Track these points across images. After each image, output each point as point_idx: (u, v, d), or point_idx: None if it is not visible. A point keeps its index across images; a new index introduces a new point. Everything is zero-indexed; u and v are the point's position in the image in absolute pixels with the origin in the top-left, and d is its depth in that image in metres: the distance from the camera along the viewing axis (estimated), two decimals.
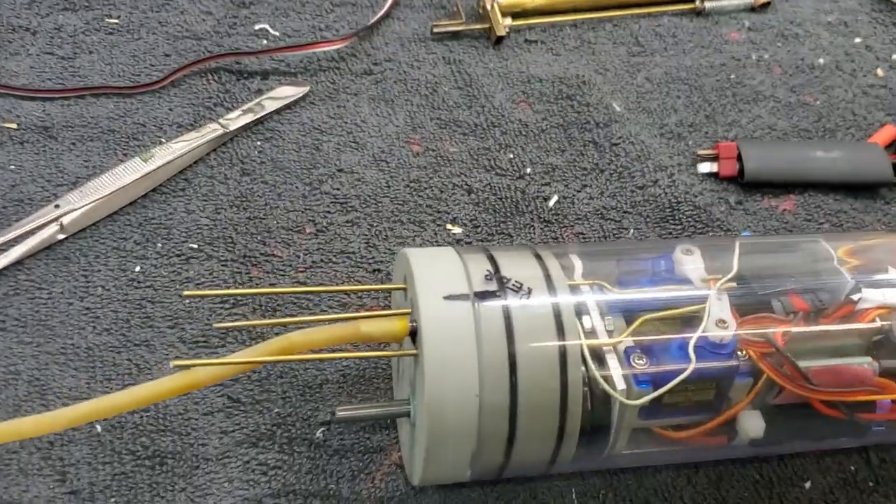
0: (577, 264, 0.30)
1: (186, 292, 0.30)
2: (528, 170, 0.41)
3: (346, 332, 0.28)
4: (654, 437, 0.30)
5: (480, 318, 0.27)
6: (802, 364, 0.29)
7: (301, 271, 0.36)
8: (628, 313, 0.29)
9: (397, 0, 0.47)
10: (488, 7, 0.46)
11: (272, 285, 0.36)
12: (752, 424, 0.29)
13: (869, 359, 0.30)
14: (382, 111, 0.42)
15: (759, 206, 0.41)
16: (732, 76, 0.46)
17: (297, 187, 0.39)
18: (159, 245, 0.37)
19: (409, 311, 0.28)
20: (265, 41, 0.44)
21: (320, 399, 0.33)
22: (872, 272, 0.32)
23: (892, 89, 0.47)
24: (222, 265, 0.36)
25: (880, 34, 0.50)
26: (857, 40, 0.50)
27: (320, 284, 0.36)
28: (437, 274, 0.28)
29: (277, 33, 0.45)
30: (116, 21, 0.44)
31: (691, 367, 0.27)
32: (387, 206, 0.39)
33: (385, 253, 0.37)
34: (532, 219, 0.39)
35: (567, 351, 0.27)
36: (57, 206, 0.36)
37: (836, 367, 0.29)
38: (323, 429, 0.32)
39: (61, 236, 0.36)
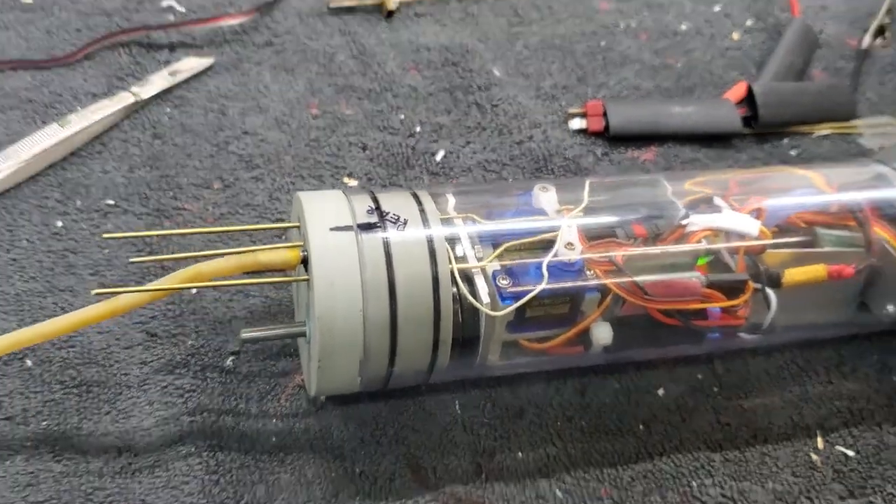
0: (451, 201, 0.34)
1: (106, 235, 0.33)
2: (418, 129, 0.45)
3: (247, 260, 0.31)
4: (521, 350, 0.34)
5: (363, 246, 0.30)
6: (640, 279, 0.33)
7: (210, 223, 0.40)
8: (495, 242, 0.33)
9: None
10: None
11: (184, 237, 0.40)
12: (602, 333, 0.34)
13: (697, 273, 0.34)
14: (283, 79, 0.46)
15: (624, 157, 0.46)
16: (602, 42, 0.52)
17: (205, 148, 0.43)
18: (78, 202, 0.40)
19: (301, 243, 0.32)
20: (172, 17, 0.48)
21: (229, 332, 0.37)
22: (701, 202, 0.37)
23: (745, 51, 0.53)
24: (137, 218, 0.40)
25: (737, 2, 0.56)
26: (717, 8, 0.55)
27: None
28: (324, 210, 0.31)
29: (183, 10, 0.48)
30: (30, 1, 0.47)
31: (543, 283, 0.32)
32: (288, 162, 0.43)
33: (287, 204, 0.41)
34: (421, 171, 0.44)
35: (439, 273, 0.31)
36: None
37: (668, 281, 0.34)
38: (232, 357, 0.37)
39: None
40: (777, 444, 0.38)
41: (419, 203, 0.33)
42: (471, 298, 0.31)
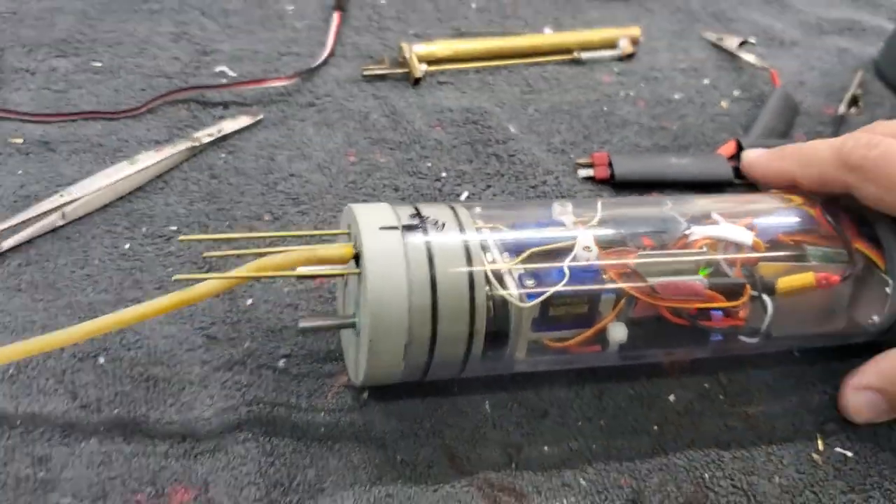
0: (479, 212, 0.39)
1: (182, 238, 0.37)
2: (444, 174, 0.51)
3: (305, 254, 0.35)
4: (544, 348, 0.38)
5: (408, 242, 0.35)
6: (651, 281, 0.37)
7: (262, 248, 0.45)
8: (519, 250, 0.37)
9: (333, 51, 0.57)
10: (407, 56, 0.57)
11: (239, 257, 0.44)
12: (618, 332, 0.37)
13: (700, 275, 0.38)
14: (324, 132, 0.52)
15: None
16: (605, 108, 0.58)
17: (256, 188, 0.48)
18: (144, 229, 0.45)
19: (353, 242, 0.36)
20: (224, 80, 0.54)
21: (281, 339, 0.41)
22: (701, 217, 0.41)
23: (733, 117, 0.59)
24: (198, 243, 0.44)
25: (724, 77, 0.63)
26: (706, 81, 0.62)
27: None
28: (373, 215, 0.36)
29: (235, 74, 0.54)
30: (100, 64, 0.53)
31: (565, 280, 0.36)
32: (330, 200, 0.48)
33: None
34: None
35: (473, 271, 0.35)
36: (61, 196, 0.44)
37: (675, 283, 0.38)
38: (284, 359, 0.40)
39: (62, 222, 0.44)
40: (780, 445, 0.41)
41: (455, 213, 0.38)
42: (501, 290, 0.35)
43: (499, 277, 0.36)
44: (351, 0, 0.62)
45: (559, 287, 0.36)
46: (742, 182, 0.53)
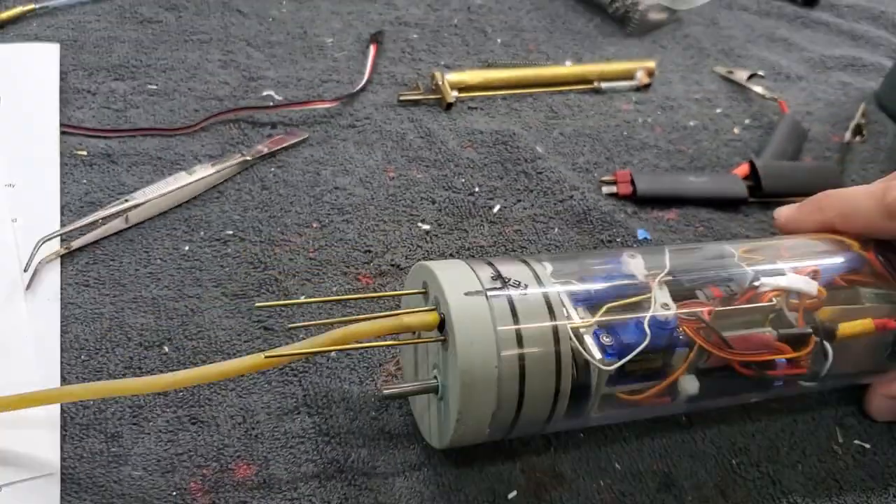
0: (549, 268, 0.38)
1: (259, 304, 0.40)
2: (476, 189, 0.54)
3: (391, 323, 0.36)
4: (616, 402, 0.38)
5: (493, 307, 0.34)
6: (725, 334, 0.38)
7: (312, 252, 0.48)
8: (590, 304, 0.37)
9: (370, 79, 0.61)
10: (440, 83, 0.60)
11: (291, 259, 0.47)
12: (690, 385, 0.38)
13: (770, 328, 0.39)
14: (365, 151, 0.55)
15: (650, 216, 0.55)
16: (625, 133, 0.61)
17: (304, 198, 0.51)
18: (202, 233, 0.48)
19: (434, 307, 0.36)
20: (272, 103, 0.57)
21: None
22: (765, 265, 0.42)
23: (745, 142, 0.63)
24: (252, 245, 0.47)
25: (735, 107, 0.66)
26: (718, 110, 0.66)
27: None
28: (455, 277, 0.35)
29: (281, 98, 0.58)
30: (156, 87, 0.57)
31: (647, 339, 0.35)
32: (372, 211, 0.51)
33: (372, 240, 0.49)
34: (481, 221, 0.52)
35: (558, 329, 0.35)
36: (125, 201, 0.47)
37: (747, 336, 0.38)
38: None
39: (125, 226, 0.47)
40: (802, 437, 0.43)
41: (531, 269, 0.37)
42: (585, 353, 0.35)
43: (578, 336, 0.36)
44: (385, 34, 0.66)
45: (643, 345, 0.36)
46: (756, 200, 0.57)
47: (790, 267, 0.41)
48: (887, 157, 0.64)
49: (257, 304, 0.43)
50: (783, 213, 0.48)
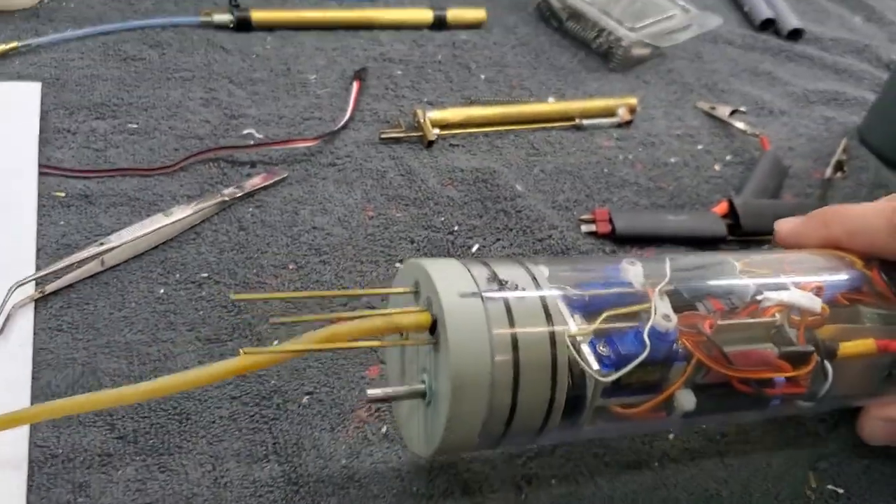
0: (545, 272, 0.37)
1: (235, 296, 0.35)
2: (456, 228, 0.54)
3: (381, 323, 0.34)
4: (610, 415, 0.36)
5: (489, 310, 0.33)
6: (726, 349, 0.36)
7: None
8: (587, 311, 0.35)
9: (353, 116, 0.61)
10: (421, 120, 0.61)
11: (265, 303, 0.47)
12: (686, 400, 0.36)
13: (771, 344, 0.37)
14: (344, 190, 0.55)
15: (629, 255, 0.55)
16: (605, 170, 0.62)
17: (281, 239, 0.51)
18: (178, 275, 0.48)
19: (426, 308, 0.34)
20: (252, 141, 0.58)
21: (304, 378, 0.44)
22: (767, 279, 0.41)
23: (726, 179, 0.63)
24: (227, 287, 0.47)
25: (717, 143, 0.66)
26: (700, 147, 0.66)
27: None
28: (450, 277, 0.33)
29: (261, 136, 0.58)
30: (136, 126, 0.57)
31: (647, 350, 0.34)
32: (350, 251, 0.51)
33: (349, 282, 0.49)
34: None
35: (555, 335, 0.33)
36: (101, 244, 0.47)
37: (747, 352, 0.37)
38: (308, 396, 0.43)
39: (101, 268, 0.47)
40: (775, 482, 0.43)
41: (528, 270, 0.36)
42: (582, 363, 0.34)
43: (575, 344, 0.34)
44: (369, 70, 0.66)
45: (643, 356, 0.34)
46: (735, 238, 0.57)
47: (793, 282, 0.40)
48: (868, 193, 0.64)
49: (233, 296, 0.40)
50: (785, 225, 0.47)
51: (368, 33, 0.71)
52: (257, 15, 0.67)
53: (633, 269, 0.38)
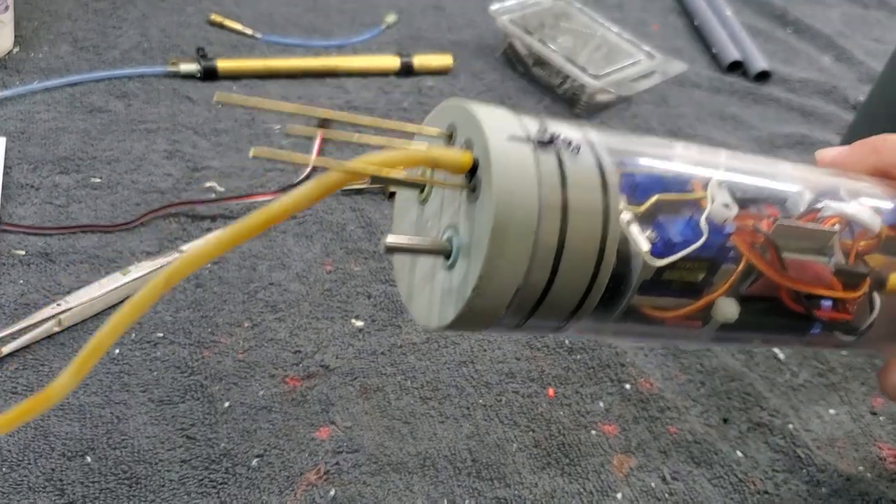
0: (597, 138, 0.31)
1: (219, 95, 0.25)
2: None
3: (418, 154, 0.28)
4: (642, 316, 0.32)
5: (540, 162, 0.27)
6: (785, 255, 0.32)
7: (240, 353, 0.49)
8: (634, 193, 0.31)
9: (315, 168, 0.62)
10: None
11: (219, 362, 0.48)
12: (729, 309, 0.32)
13: (828, 258, 0.33)
14: (304, 243, 0.56)
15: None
16: None
17: (237, 296, 0.52)
18: (133, 335, 0.49)
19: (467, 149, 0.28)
20: (213, 195, 0.58)
21: (255, 440, 0.44)
22: (826, 190, 0.36)
23: None
24: (181, 347, 0.48)
25: None
26: None
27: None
28: (497, 120, 0.28)
29: (223, 189, 0.59)
30: (99, 180, 0.58)
31: (702, 239, 0.30)
32: (306, 307, 0.52)
33: (303, 339, 0.50)
34: None
35: (609, 207, 0.29)
36: (58, 305, 0.48)
37: (804, 262, 0.33)
38: (257, 459, 0.44)
39: (58, 329, 0.48)
40: None
41: (586, 134, 0.31)
42: (634, 241, 0.30)
43: (628, 221, 0.30)
44: (334, 121, 0.67)
45: (698, 244, 0.30)
46: None
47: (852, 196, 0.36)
48: None
49: (217, 97, 0.29)
50: (829, 153, 0.42)
51: (335, 80, 0.72)
52: (223, 64, 0.68)
53: (687, 153, 0.34)
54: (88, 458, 0.43)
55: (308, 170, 0.61)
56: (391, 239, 0.29)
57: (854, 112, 0.81)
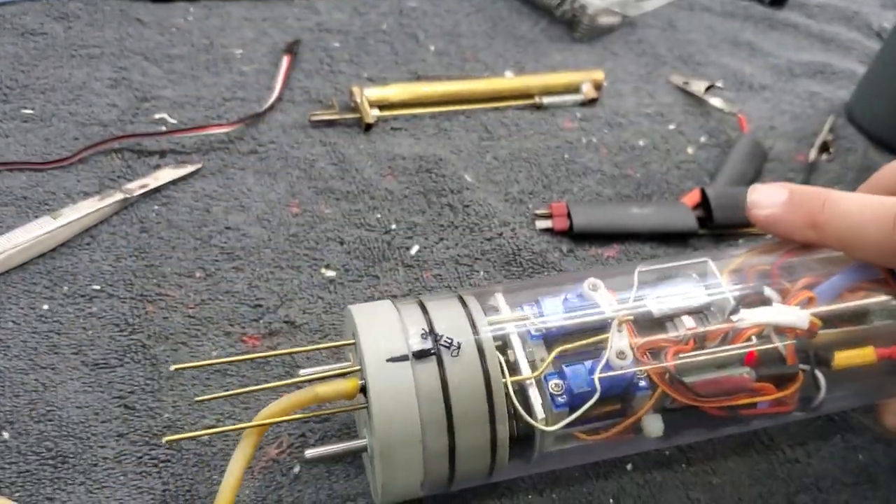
0: (501, 300, 0.35)
1: (175, 366, 0.32)
2: (394, 226, 0.48)
3: (305, 397, 0.32)
4: (573, 441, 0.34)
5: (419, 376, 0.31)
6: (691, 378, 0.33)
7: (191, 308, 0.42)
8: (549, 336, 0.34)
9: (281, 96, 0.55)
10: (358, 100, 0.54)
11: (165, 319, 0.41)
12: (654, 426, 0.34)
13: (747, 368, 0.34)
14: (266, 182, 0.49)
15: (588, 254, 0.49)
16: (566, 155, 0.55)
17: (188, 242, 0.45)
18: (65, 288, 0.42)
19: (359, 367, 0.33)
20: (163, 128, 0.51)
21: (206, 409, 0.38)
22: (751, 291, 0.36)
23: (700, 164, 0.57)
24: (121, 301, 0.41)
25: (691, 122, 0.60)
26: (671, 126, 0.60)
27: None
28: (379, 336, 0.32)
29: (175, 121, 0.52)
30: (31, 111, 0.50)
31: (595, 395, 0.32)
32: (268, 255, 0.45)
33: (265, 292, 0.43)
34: (396, 264, 0.46)
35: (492, 386, 0.32)
36: None
37: (718, 379, 0.34)
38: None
39: None
40: None
41: (468, 312, 0.34)
42: (527, 417, 0.32)
43: (523, 385, 0.33)
44: (303, 43, 0.59)
45: (589, 404, 0.32)
46: (707, 232, 0.51)
47: (778, 289, 0.36)
48: (856, 178, 0.58)
49: (174, 367, 0.33)
50: (762, 210, 0.39)
51: (304, 1, 0.64)
52: None
53: (595, 294, 0.36)
54: (5, 434, 0.36)
55: (273, 98, 0.54)
56: (309, 453, 0.33)
57: (879, 40, 0.74)
